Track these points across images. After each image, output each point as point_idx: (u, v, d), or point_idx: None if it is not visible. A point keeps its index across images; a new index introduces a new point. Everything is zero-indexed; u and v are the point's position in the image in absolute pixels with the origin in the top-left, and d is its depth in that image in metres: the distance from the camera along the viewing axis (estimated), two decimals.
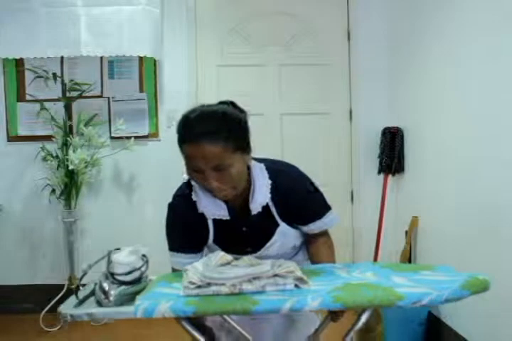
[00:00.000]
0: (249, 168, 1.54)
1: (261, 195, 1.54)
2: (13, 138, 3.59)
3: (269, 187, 1.55)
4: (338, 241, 3.75)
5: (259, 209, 1.55)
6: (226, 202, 1.55)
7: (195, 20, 3.59)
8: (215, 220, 1.58)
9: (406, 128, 3.32)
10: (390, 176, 3.47)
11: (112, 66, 3.58)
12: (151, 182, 3.61)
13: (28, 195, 3.26)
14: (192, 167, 1.43)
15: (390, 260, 3.43)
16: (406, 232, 3.17)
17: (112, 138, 3.55)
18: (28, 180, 3.53)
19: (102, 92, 3.58)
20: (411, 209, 3.22)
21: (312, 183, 1.63)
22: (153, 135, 3.59)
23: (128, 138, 3.45)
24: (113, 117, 3.56)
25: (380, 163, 3.48)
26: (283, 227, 1.60)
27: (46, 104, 3.44)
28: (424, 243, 3.06)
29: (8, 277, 3.49)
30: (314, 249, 1.71)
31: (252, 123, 1.40)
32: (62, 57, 3.50)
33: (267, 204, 1.56)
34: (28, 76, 3.51)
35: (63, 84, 3.48)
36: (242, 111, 1.51)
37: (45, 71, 3.41)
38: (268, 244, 1.61)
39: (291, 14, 3.61)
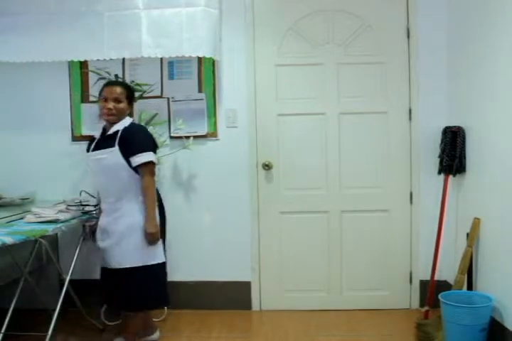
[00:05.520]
0: (125, 114, 2.84)
1: (118, 126, 2.79)
2: (77, 137, 3.73)
3: (125, 125, 2.79)
4: (396, 242, 3.67)
5: (113, 131, 2.78)
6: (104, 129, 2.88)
7: (253, 20, 3.60)
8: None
9: (468, 128, 3.24)
10: (450, 176, 3.39)
11: (171, 67, 3.65)
12: (209, 181, 3.66)
13: (92, 192, 3.36)
14: (103, 97, 2.79)
15: (451, 262, 3.36)
16: (467, 234, 3.09)
17: (172, 137, 3.63)
18: None
19: (162, 93, 3.66)
20: (473, 211, 3.14)
21: (146, 136, 2.83)
22: (212, 134, 3.64)
23: (187, 137, 3.52)
24: (172, 117, 3.63)
25: (441, 163, 3.40)
26: (116, 149, 2.72)
27: None
28: (487, 245, 2.98)
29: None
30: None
31: (311, 122, 1.38)
32: (123, 59, 3.60)
33: (118, 131, 2.76)
34: (92, 77, 3.64)
35: None
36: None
37: (107, 72, 3.51)
38: (99, 152, 2.78)
39: (349, 12, 3.56)
